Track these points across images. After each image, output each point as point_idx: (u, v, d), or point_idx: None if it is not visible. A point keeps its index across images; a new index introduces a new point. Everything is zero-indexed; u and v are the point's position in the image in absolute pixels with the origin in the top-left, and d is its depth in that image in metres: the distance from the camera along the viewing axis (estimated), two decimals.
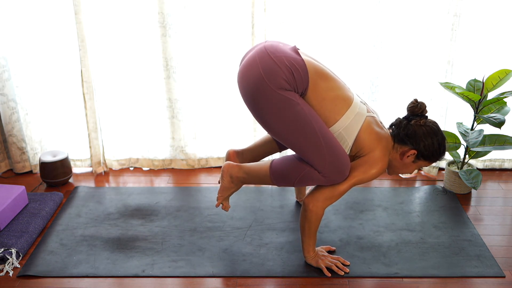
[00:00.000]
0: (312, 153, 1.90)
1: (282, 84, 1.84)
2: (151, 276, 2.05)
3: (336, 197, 1.97)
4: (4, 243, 2.18)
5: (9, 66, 2.68)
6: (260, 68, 1.86)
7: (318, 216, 1.98)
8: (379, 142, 1.97)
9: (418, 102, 2.01)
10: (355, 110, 1.95)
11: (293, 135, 1.90)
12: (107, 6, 2.61)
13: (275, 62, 1.85)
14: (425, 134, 1.96)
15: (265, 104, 1.86)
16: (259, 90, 1.85)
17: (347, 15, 2.60)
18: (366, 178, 1.96)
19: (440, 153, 2.00)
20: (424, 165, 2.04)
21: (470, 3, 2.57)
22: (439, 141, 1.98)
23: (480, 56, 2.68)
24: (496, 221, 2.43)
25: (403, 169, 2.06)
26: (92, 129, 2.82)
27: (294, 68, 1.86)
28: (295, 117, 1.86)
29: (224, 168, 2.11)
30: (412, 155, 1.98)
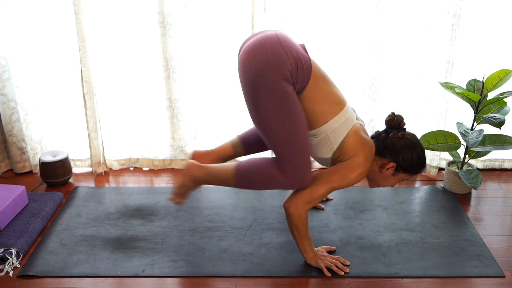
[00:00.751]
0: (288, 152, 1.92)
1: (287, 75, 1.85)
2: (151, 276, 2.05)
3: (316, 200, 1.99)
4: (4, 243, 2.18)
5: (9, 66, 2.68)
6: (270, 53, 1.84)
7: (301, 218, 1.99)
8: (363, 148, 1.99)
9: (395, 115, 2.04)
10: (345, 115, 1.98)
11: (279, 129, 1.89)
12: (107, 6, 2.61)
13: (286, 51, 1.85)
14: (403, 146, 1.99)
15: (265, 91, 1.86)
16: (263, 75, 1.84)
17: (347, 15, 2.60)
18: (345, 183, 1.97)
19: (420, 165, 2.02)
20: (405, 177, 2.06)
21: (470, 3, 2.57)
22: (418, 153, 2.00)
23: (480, 56, 2.68)
24: (496, 221, 2.43)
25: (383, 182, 2.08)
26: (92, 129, 2.82)
27: (301, 63, 1.87)
28: (288, 112, 1.88)
29: (187, 166, 2.10)
30: (391, 167, 2.01)
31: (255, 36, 1.98)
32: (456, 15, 2.52)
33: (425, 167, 2.07)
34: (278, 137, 1.91)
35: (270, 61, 1.83)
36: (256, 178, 1.99)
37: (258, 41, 1.91)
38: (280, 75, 1.83)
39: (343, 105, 1.99)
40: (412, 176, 2.06)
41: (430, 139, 2.58)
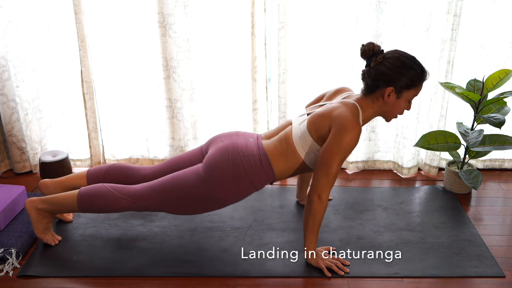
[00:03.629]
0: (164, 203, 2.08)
1: (244, 190, 2.05)
2: (151, 276, 2.05)
3: (333, 180, 1.96)
4: (4, 243, 2.18)
5: (9, 66, 2.68)
6: (231, 167, 2.01)
7: (323, 204, 1.97)
8: (332, 111, 1.96)
9: (363, 46, 1.98)
10: (298, 136, 2.04)
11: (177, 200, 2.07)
12: (107, 6, 2.61)
13: (245, 167, 2.01)
14: (390, 67, 1.92)
15: (202, 189, 2.02)
16: (216, 183, 2.01)
17: (347, 15, 2.60)
18: (344, 147, 1.91)
19: (416, 73, 1.92)
20: (412, 94, 1.97)
21: (470, 3, 2.57)
22: (407, 64, 1.91)
23: (480, 56, 2.68)
24: (496, 221, 2.43)
25: (395, 110, 2.00)
26: (92, 129, 2.82)
27: (259, 177, 2.03)
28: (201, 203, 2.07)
29: (26, 205, 2.16)
30: (391, 92, 1.94)
31: (219, 141, 2.13)
32: (456, 15, 2.52)
33: (425, 73, 1.95)
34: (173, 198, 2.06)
35: (229, 176, 2.00)
36: (99, 202, 2.10)
37: (221, 148, 2.06)
38: (232, 188, 2.01)
39: (290, 135, 2.05)
40: (418, 88, 1.97)
41: (430, 139, 2.58)
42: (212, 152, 2.07)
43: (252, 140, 2.09)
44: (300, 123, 2.07)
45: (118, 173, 2.29)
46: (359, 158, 2.91)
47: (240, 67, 2.73)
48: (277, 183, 2.81)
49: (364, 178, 2.86)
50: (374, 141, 2.87)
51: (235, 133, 2.17)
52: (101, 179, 2.28)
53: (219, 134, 2.19)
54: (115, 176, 2.29)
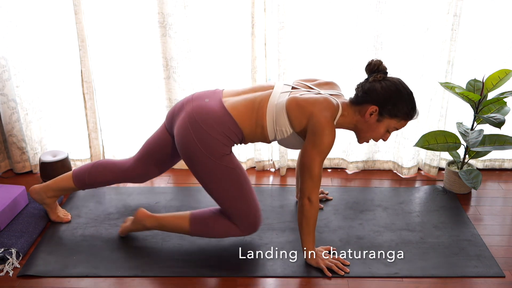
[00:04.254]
0: (235, 209, 2.06)
1: (224, 151, 2.01)
2: (151, 276, 2.05)
3: (318, 181, 1.97)
4: (4, 243, 2.18)
5: (9, 66, 2.68)
6: (197, 142, 1.98)
7: (314, 206, 1.99)
8: (312, 106, 1.95)
9: (372, 60, 1.98)
10: (273, 103, 2.00)
11: (224, 194, 2.05)
12: (107, 6, 2.61)
13: (209, 133, 1.98)
14: (383, 87, 1.90)
15: (206, 172, 2.03)
16: (200, 161, 2.01)
17: (347, 16, 2.60)
18: (322, 148, 1.92)
19: (405, 107, 1.91)
20: (393, 125, 1.96)
21: (470, 3, 2.57)
22: (401, 94, 1.90)
23: (480, 56, 2.68)
24: (496, 221, 2.43)
25: (371, 132, 1.99)
26: (92, 129, 2.82)
27: (227, 130, 1.99)
28: (232, 182, 2.03)
29: (138, 215, 2.20)
30: (374, 112, 1.93)
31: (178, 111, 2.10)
32: (456, 15, 2.52)
33: (415, 111, 1.94)
34: (224, 202, 2.07)
35: (201, 150, 1.98)
36: (211, 232, 2.13)
37: (181, 126, 2.03)
38: (217, 157, 1.99)
39: (267, 98, 2.03)
40: (401, 123, 1.95)
41: (430, 139, 2.58)
42: (176, 134, 2.06)
43: (208, 100, 2.05)
44: (282, 92, 2.05)
45: (102, 171, 2.31)
46: (359, 158, 2.91)
47: (240, 67, 2.73)
48: (277, 183, 2.81)
49: (364, 178, 2.86)
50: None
51: (189, 99, 2.10)
52: (86, 179, 2.31)
53: (176, 105, 2.15)
54: (100, 175, 2.31)
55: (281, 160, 2.89)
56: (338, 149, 2.92)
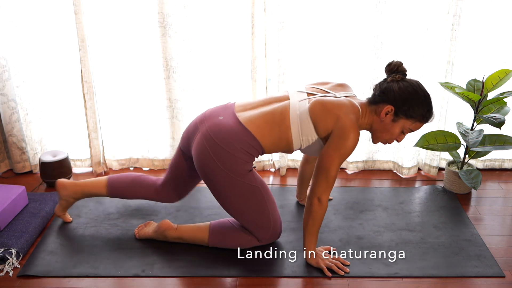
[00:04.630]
0: (256, 225, 2.09)
1: (246, 167, 2.01)
2: (151, 276, 2.05)
3: (332, 183, 1.96)
4: (4, 243, 2.18)
5: (9, 66, 2.68)
6: (218, 162, 1.98)
7: (323, 206, 1.98)
8: (339, 109, 1.93)
9: (392, 61, 1.98)
10: (296, 113, 1.98)
11: (244, 211, 2.06)
12: (107, 6, 2.61)
13: (228, 151, 1.96)
14: (401, 88, 1.90)
15: (228, 191, 2.03)
16: (222, 180, 2.01)
17: (347, 15, 2.60)
18: (344, 152, 1.91)
19: (422, 108, 1.91)
20: (408, 125, 1.95)
21: (470, 3, 2.57)
22: (418, 94, 1.90)
23: (480, 56, 2.68)
24: (496, 221, 2.43)
25: (386, 133, 1.99)
26: (92, 129, 2.82)
27: (247, 146, 1.98)
28: (254, 200, 2.04)
29: (162, 226, 2.21)
30: (390, 111, 1.92)
31: (194, 131, 2.09)
32: (456, 15, 2.52)
33: (431, 113, 1.93)
34: (244, 219, 2.08)
35: (223, 169, 1.98)
36: (229, 244, 2.15)
37: (198, 145, 2.02)
38: (239, 175, 1.99)
39: (287, 110, 1.99)
40: (416, 125, 1.95)
41: (430, 139, 2.58)
42: (194, 156, 2.06)
43: (222, 117, 2.03)
44: (300, 101, 2.02)
45: (139, 188, 2.32)
46: (359, 158, 2.91)
47: (240, 67, 2.73)
48: (277, 183, 2.81)
49: (364, 178, 2.86)
50: None
51: (202, 118, 2.09)
52: (123, 193, 2.31)
53: (189, 126, 2.15)
54: (137, 191, 2.33)
55: (281, 160, 2.89)
56: None
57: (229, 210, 2.10)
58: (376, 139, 2.06)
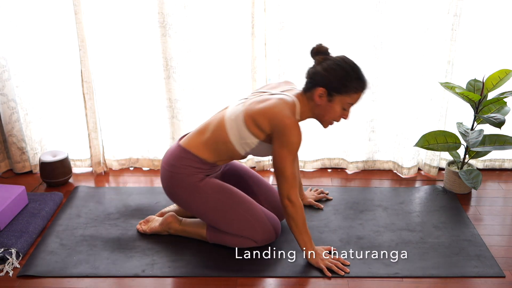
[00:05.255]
0: (244, 231, 2.11)
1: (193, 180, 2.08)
2: (151, 276, 2.05)
3: (292, 180, 1.97)
4: (4, 243, 2.18)
5: (9, 66, 2.68)
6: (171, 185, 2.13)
7: (296, 206, 1.99)
8: (270, 109, 1.95)
9: (313, 46, 2.00)
10: (231, 119, 2.03)
11: (227, 222, 2.11)
12: (107, 6, 2.61)
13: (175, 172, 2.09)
14: (325, 68, 1.92)
15: (197, 206, 2.11)
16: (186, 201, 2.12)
17: (347, 15, 2.60)
18: (291, 147, 1.92)
19: (349, 78, 1.90)
20: (348, 101, 1.94)
21: (470, 3, 2.57)
22: (344, 69, 1.90)
23: (480, 56, 2.68)
24: (496, 221, 2.43)
25: (328, 115, 1.99)
26: (92, 129, 2.82)
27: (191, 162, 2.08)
28: (227, 206, 2.09)
29: (168, 218, 2.25)
30: (322, 93, 1.93)
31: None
32: (456, 15, 2.52)
33: (362, 82, 1.93)
34: (227, 226, 2.12)
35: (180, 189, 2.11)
36: (227, 243, 2.16)
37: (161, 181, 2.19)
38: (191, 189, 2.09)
39: (223, 117, 2.06)
40: (353, 97, 1.94)
41: (430, 139, 2.58)
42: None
43: (169, 147, 2.22)
44: (236, 105, 2.08)
45: None
46: (359, 158, 2.91)
47: (240, 67, 2.73)
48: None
49: (364, 178, 2.86)
50: (374, 141, 2.87)
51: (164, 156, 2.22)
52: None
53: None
54: None
55: None
56: (338, 149, 2.92)
57: (214, 224, 2.14)
58: (324, 123, 2.06)
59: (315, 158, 2.94)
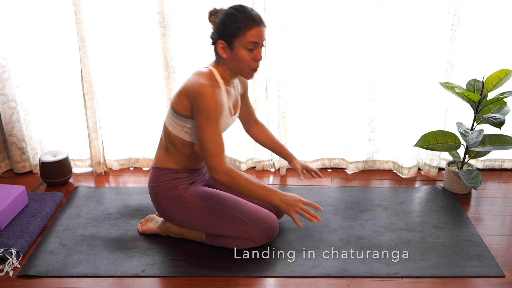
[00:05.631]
0: (239, 232, 2.09)
1: (176, 192, 2.12)
2: (151, 276, 2.05)
3: (215, 147, 1.92)
4: (4, 243, 2.18)
5: (9, 66, 2.68)
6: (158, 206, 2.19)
7: (230, 173, 1.92)
8: (185, 85, 1.99)
9: (208, 13, 2.03)
10: (167, 119, 2.10)
11: (221, 227, 2.11)
12: (107, 6, 2.61)
13: (157, 192, 2.15)
14: (216, 22, 1.97)
15: (188, 218, 2.14)
16: (175, 215, 2.16)
17: (347, 15, 2.60)
18: (206, 112, 1.90)
19: (238, 16, 1.89)
20: (247, 40, 1.90)
21: (470, 3, 2.57)
22: (228, 12, 1.93)
23: (480, 56, 2.68)
24: (496, 221, 2.43)
25: (239, 63, 1.96)
26: (92, 129, 2.82)
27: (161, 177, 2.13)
28: (219, 215, 2.09)
29: (166, 223, 2.27)
30: (223, 45, 1.95)
31: None
32: (456, 15, 2.52)
33: (250, 15, 1.90)
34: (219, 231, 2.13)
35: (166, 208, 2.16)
36: (226, 245, 2.16)
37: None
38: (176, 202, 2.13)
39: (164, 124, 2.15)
40: (250, 34, 1.89)
41: (430, 139, 2.58)
42: None
43: None
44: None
45: None
46: (359, 158, 2.91)
47: None
48: (277, 183, 2.81)
49: (364, 178, 2.86)
50: (374, 141, 2.87)
51: None
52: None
53: None
54: None
55: (281, 160, 2.89)
56: (338, 149, 2.92)
57: (211, 231, 2.15)
58: (244, 74, 2.02)
59: (315, 158, 2.94)
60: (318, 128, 2.87)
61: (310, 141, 2.88)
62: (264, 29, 1.95)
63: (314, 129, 2.87)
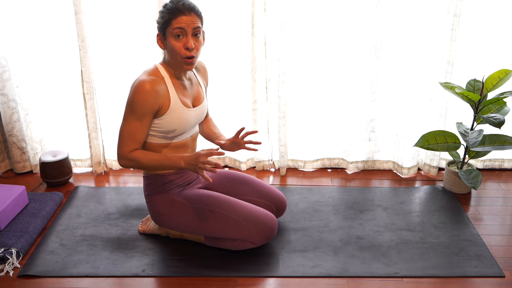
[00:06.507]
0: (237, 234, 2.09)
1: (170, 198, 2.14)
2: (151, 276, 2.05)
3: (126, 138, 1.99)
4: (4, 243, 2.18)
5: (9, 66, 2.68)
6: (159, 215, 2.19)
7: (130, 157, 1.99)
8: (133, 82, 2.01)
9: None
10: None
11: (217, 229, 2.11)
12: (107, 6, 2.61)
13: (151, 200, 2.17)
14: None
15: (184, 221, 2.14)
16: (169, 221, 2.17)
17: (347, 15, 2.60)
18: (130, 104, 1.97)
19: (164, 7, 1.94)
20: (174, 26, 1.92)
21: (470, 3, 2.57)
22: (163, 6, 1.97)
23: (480, 56, 2.68)
24: (496, 221, 2.43)
25: (173, 52, 1.97)
26: (92, 129, 2.82)
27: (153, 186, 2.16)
28: (215, 217, 2.09)
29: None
30: (159, 37, 2.00)
31: None
32: (456, 15, 2.52)
33: (172, 3, 1.94)
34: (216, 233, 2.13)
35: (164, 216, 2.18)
36: (225, 246, 2.16)
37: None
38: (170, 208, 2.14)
39: None
40: (176, 22, 1.92)
41: (430, 139, 2.58)
42: None
43: None
44: None
45: None
46: (359, 158, 2.91)
47: (240, 67, 2.73)
48: (277, 183, 2.81)
49: (364, 178, 2.86)
50: (374, 141, 2.87)
51: None
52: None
53: None
54: None
55: (281, 160, 2.89)
56: (338, 149, 2.92)
57: (208, 234, 2.14)
58: (181, 64, 2.00)
59: (315, 158, 2.94)
60: (318, 128, 2.87)
61: (310, 141, 2.88)
62: (193, 17, 1.95)
63: (314, 129, 2.87)
